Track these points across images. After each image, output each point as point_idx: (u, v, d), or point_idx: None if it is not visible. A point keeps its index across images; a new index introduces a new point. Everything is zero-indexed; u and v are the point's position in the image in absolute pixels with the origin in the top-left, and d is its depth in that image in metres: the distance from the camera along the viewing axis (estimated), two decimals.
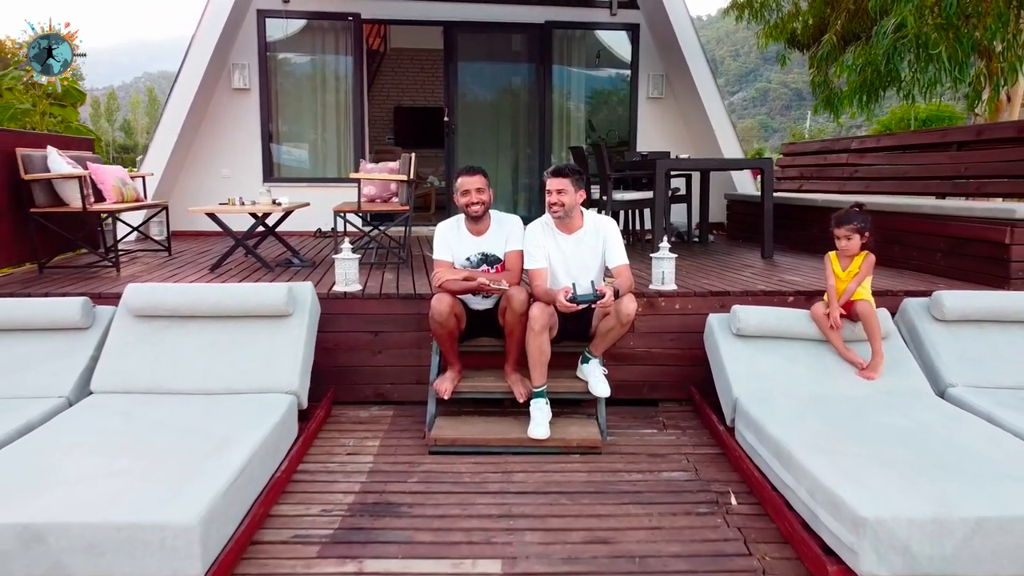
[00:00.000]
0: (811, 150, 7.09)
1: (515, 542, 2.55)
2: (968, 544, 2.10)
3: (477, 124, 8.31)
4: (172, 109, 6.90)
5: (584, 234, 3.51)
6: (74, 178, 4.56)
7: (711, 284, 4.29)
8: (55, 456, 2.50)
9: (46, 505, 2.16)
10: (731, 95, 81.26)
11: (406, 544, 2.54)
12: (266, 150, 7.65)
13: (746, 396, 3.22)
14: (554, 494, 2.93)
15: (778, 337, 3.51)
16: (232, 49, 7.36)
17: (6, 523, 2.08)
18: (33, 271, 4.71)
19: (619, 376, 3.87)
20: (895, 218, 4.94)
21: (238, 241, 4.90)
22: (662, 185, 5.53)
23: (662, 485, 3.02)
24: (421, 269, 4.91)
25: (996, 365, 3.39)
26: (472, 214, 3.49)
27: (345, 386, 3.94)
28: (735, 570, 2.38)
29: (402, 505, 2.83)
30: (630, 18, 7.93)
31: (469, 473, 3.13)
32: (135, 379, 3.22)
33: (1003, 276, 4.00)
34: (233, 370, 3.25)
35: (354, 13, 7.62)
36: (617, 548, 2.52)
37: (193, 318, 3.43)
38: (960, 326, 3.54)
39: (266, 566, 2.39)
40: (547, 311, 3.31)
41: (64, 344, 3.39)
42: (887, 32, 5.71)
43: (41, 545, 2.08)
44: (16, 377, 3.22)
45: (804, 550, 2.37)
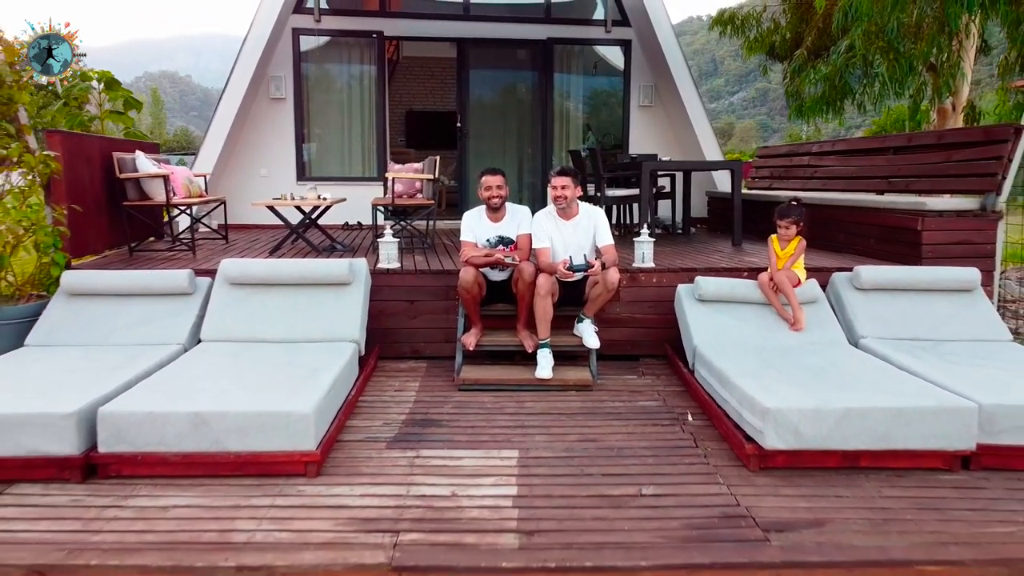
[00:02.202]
0: (780, 153, 8.05)
1: (527, 441, 3.52)
2: (838, 426, 3.07)
3: (486, 129, 9.27)
4: (219, 117, 7.86)
5: (580, 220, 4.48)
6: (159, 177, 5.53)
7: (683, 263, 5.25)
8: (197, 377, 3.47)
9: (207, 401, 3.13)
10: (731, 95, 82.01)
11: (448, 442, 3.51)
12: (299, 152, 8.61)
13: (703, 345, 4.18)
14: (555, 415, 3.90)
15: (731, 301, 4.48)
16: (270, 63, 8.32)
17: (183, 412, 3.05)
18: (124, 254, 5.67)
19: (607, 337, 4.81)
20: (842, 211, 5.91)
21: (292, 229, 5.87)
22: (647, 183, 6.49)
23: (637, 410, 3.99)
24: (444, 254, 5.87)
25: (899, 322, 4.35)
26: (492, 205, 4.46)
27: (388, 344, 4.90)
28: (685, 455, 3.35)
29: (442, 420, 3.80)
30: (623, 35, 8.89)
31: (491, 402, 4.09)
32: (234, 331, 4.19)
33: (917, 256, 4.97)
34: (309, 324, 4.22)
35: (377, 31, 8.58)
36: (601, 444, 3.49)
37: (275, 286, 4.40)
38: (873, 293, 4.50)
39: (351, 454, 3.36)
40: (550, 280, 4.28)
41: (175, 306, 4.35)
42: (840, 52, 6.67)
43: (206, 427, 3.05)
44: (142, 329, 4.18)
45: (733, 441, 3.34)
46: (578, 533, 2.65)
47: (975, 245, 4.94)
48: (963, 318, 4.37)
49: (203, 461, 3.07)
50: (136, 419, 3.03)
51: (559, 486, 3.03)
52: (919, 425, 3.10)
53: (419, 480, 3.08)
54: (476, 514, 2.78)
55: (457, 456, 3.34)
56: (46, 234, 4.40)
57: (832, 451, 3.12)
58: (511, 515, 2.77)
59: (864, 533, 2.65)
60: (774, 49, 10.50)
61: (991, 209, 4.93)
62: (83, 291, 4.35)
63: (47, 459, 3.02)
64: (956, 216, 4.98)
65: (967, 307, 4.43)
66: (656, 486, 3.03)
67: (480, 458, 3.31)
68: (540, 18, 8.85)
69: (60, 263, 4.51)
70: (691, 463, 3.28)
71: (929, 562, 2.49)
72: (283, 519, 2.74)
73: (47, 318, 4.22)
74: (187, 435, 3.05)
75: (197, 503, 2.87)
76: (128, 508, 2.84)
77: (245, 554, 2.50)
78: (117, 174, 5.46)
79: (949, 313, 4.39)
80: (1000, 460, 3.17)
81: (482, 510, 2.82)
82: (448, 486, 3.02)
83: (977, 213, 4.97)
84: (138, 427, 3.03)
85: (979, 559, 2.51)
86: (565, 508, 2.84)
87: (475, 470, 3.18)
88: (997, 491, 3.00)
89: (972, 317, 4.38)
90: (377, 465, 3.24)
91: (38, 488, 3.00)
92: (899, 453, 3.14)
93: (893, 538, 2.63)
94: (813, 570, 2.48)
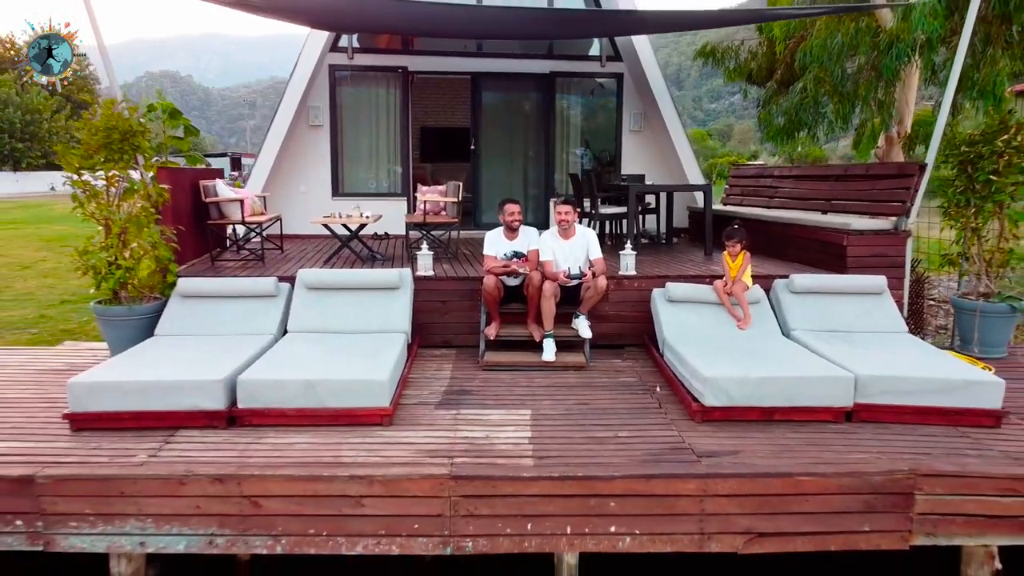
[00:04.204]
0: (749, 174, 9.34)
1: (537, 404, 4.82)
2: (757, 389, 4.37)
3: (496, 148, 10.56)
4: (269, 143, 9.16)
5: (577, 239, 5.78)
6: (237, 201, 6.82)
7: (659, 271, 6.54)
8: (299, 356, 4.78)
9: (312, 372, 4.42)
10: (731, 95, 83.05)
11: (479, 405, 4.80)
12: (334, 172, 9.91)
13: (670, 335, 5.47)
14: (557, 387, 5.19)
15: (694, 302, 5.77)
16: (310, 95, 9.61)
17: (297, 379, 4.34)
18: (206, 262, 6.96)
19: (598, 330, 6.08)
20: (791, 227, 7.21)
21: (343, 242, 7.17)
22: (633, 203, 7.78)
23: (619, 383, 5.29)
24: (466, 262, 7.16)
25: (822, 318, 5.63)
26: (513, 227, 5.77)
27: (425, 335, 6.19)
28: (651, 413, 4.65)
29: (473, 391, 5.10)
30: (616, 68, 10.18)
31: (508, 378, 5.38)
32: (312, 324, 5.49)
33: (843, 266, 6.27)
34: (369, 319, 5.52)
35: (402, 66, 9.88)
36: (592, 407, 4.78)
37: (342, 289, 5.70)
38: (804, 296, 5.79)
39: (411, 412, 4.65)
40: (553, 285, 5.58)
41: (264, 305, 5.65)
42: (796, 91, 7.96)
43: (312, 390, 4.34)
44: (241, 323, 5.48)
45: (685, 402, 4.65)
46: (573, 458, 3.95)
47: (889, 257, 6.23)
48: (872, 315, 5.66)
49: (310, 414, 4.37)
50: (265, 384, 4.33)
51: (560, 432, 4.33)
52: (814, 389, 4.41)
53: (462, 428, 4.38)
54: (504, 449, 4.08)
55: (487, 413, 4.64)
56: (165, 249, 5.68)
57: (753, 407, 4.43)
58: (527, 449, 4.07)
59: (765, 458, 3.95)
60: (752, 76, 11.80)
61: (901, 229, 6.22)
62: (193, 293, 5.65)
63: (202, 412, 4.32)
64: (874, 234, 6.28)
65: (876, 307, 5.73)
66: (628, 431, 4.33)
67: (503, 415, 4.61)
68: (543, 55, 10.14)
69: (173, 271, 5.80)
70: (655, 418, 4.58)
71: (803, 474, 3.79)
72: (373, 450, 4.04)
73: (169, 314, 5.52)
74: (299, 396, 4.35)
75: (311, 441, 4.17)
76: (264, 444, 4.13)
77: (353, 468, 3.80)
78: (203, 198, 6.76)
79: (861, 311, 5.69)
80: (871, 415, 4.47)
81: (507, 446, 4.11)
82: (483, 431, 4.32)
83: (891, 232, 6.27)
84: (266, 390, 4.33)
85: (837, 472, 3.80)
86: (564, 445, 4.14)
87: (500, 422, 4.48)
88: (865, 435, 4.30)
89: (879, 314, 5.67)
90: (430, 419, 4.54)
91: (197, 432, 4.29)
92: (801, 409, 4.44)
93: (784, 461, 3.92)
94: (727, 479, 3.77)
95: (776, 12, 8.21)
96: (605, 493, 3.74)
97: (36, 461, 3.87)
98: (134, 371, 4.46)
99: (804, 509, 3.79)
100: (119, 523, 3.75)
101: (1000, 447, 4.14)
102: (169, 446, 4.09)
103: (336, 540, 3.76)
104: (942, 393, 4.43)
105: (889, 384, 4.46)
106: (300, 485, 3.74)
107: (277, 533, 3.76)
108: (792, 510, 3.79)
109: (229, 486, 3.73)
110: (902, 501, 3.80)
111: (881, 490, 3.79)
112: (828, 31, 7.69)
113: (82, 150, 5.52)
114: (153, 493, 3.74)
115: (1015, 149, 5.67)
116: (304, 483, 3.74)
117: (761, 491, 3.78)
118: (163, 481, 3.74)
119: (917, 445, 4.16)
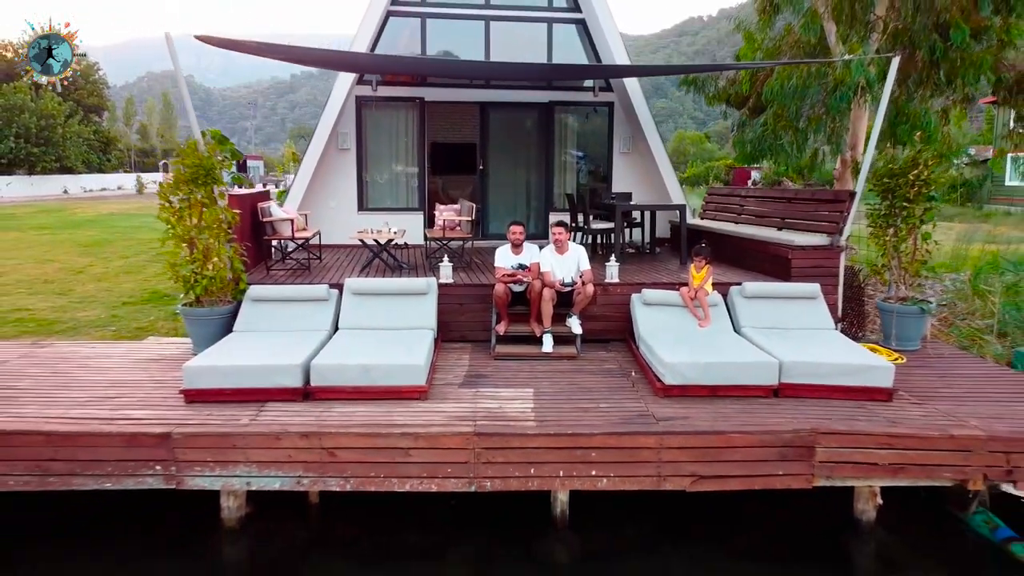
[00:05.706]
0: (722, 193, 10.72)
1: (538, 384, 6.19)
2: (706, 372, 5.75)
3: (500, 167, 11.94)
4: (305, 166, 10.56)
5: (570, 254, 7.17)
6: (288, 220, 8.20)
7: (639, 279, 7.92)
8: (353, 346, 6.16)
9: (366, 358, 5.80)
10: None
11: (493, 385, 6.18)
12: (360, 189, 11.29)
13: (644, 331, 6.85)
14: (554, 372, 6.57)
15: (665, 304, 7.15)
16: (340, 121, 10.99)
17: (356, 364, 5.73)
18: (261, 270, 8.33)
19: (588, 328, 7.45)
20: (751, 242, 8.59)
21: (375, 253, 8.55)
22: (619, 219, 9.16)
23: (603, 370, 6.67)
24: (478, 271, 8.53)
25: (767, 317, 7.00)
26: (516, 243, 7.15)
27: (446, 332, 7.56)
28: (626, 391, 6.03)
29: (487, 375, 6.48)
30: (607, 98, 11.56)
31: (515, 364, 6.77)
32: (359, 322, 6.87)
33: (789, 275, 7.64)
34: (405, 318, 6.90)
35: (419, 97, 11.28)
36: (580, 385, 6.16)
37: (382, 294, 7.09)
38: (753, 300, 7.17)
39: (441, 391, 6.02)
40: (551, 292, 6.96)
41: (318, 307, 7.03)
42: (759, 125, 9.35)
43: (368, 372, 5.72)
44: (301, 321, 6.85)
45: (652, 382, 6.03)
46: (564, 421, 5.32)
47: (826, 268, 7.61)
48: (807, 315, 7.04)
49: (366, 390, 5.74)
50: (331, 368, 5.72)
51: (555, 403, 5.71)
52: (749, 372, 5.79)
53: (481, 401, 5.76)
54: (513, 415, 5.45)
55: (499, 391, 6.02)
56: (238, 262, 7.06)
57: (703, 385, 5.81)
58: (531, 415, 5.44)
59: (706, 421, 5.34)
60: (730, 100, 13.18)
61: (836, 245, 7.60)
62: (261, 298, 7.03)
63: (284, 389, 5.70)
64: (814, 249, 7.66)
65: (811, 308, 7.11)
66: (607, 404, 5.71)
67: (512, 392, 5.99)
68: (543, 87, 11.52)
69: (245, 280, 7.18)
70: (628, 395, 5.96)
71: (734, 432, 5.17)
72: (415, 416, 5.42)
73: (244, 315, 6.90)
74: (358, 376, 5.72)
75: (368, 410, 5.54)
76: (333, 412, 5.51)
77: (404, 427, 5.18)
78: (261, 219, 8.14)
79: (799, 312, 7.07)
80: (793, 392, 5.85)
81: (516, 413, 5.49)
82: (497, 403, 5.70)
83: (827, 247, 7.65)
84: (332, 372, 5.71)
85: (759, 431, 5.18)
86: (558, 413, 5.51)
87: (510, 397, 5.86)
88: (786, 406, 5.68)
89: (813, 314, 7.05)
90: (456, 395, 5.92)
91: (280, 405, 5.66)
92: (739, 387, 5.82)
93: (720, 423, 5.31)
94: (677, 436, 5.15)
95: (736, 65, 9.62)
96: (588, 446, 5.12)
97: (167, 423, 5.25)
98: (230, 358, 5.84)
99: (734, 458, 5.17)
100: (231, 467, 5.13)
101: (886, 415, 5.52)
102: (263, 413, 5.47)
103: (391, 480, 5.15)
104: (847, 375, 5.81)
105: (807, 368, 5.84)
106: (364, 440, 5.12)
107: (347, 475, 5.14)
108: (725, 459, 5.17)
109: (312, 440, 5.11)
110: (806, 452, 5.18)
111: (791, 444, 5.17)
112: (786, 74, 9.07)
113: (171, 184, 6.90)
114: (257, 446, 5.12)
115: (923, 181, 7.05)
116: (367, 439, 5.12)
117: (703, 445, 5.16)
118: (264, 436, 5.12)
119: (825, 413, 5.54)
